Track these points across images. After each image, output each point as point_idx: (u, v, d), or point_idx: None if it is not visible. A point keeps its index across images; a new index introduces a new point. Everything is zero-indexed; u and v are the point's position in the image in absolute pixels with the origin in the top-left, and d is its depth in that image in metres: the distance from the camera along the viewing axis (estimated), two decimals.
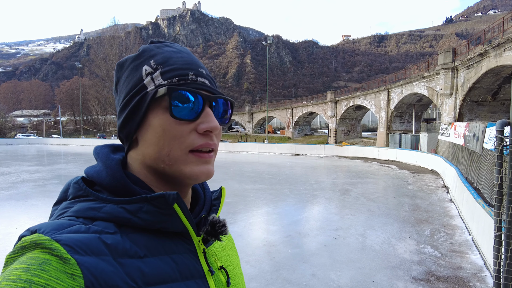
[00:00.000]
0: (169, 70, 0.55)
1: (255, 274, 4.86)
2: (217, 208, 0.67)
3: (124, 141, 0.60)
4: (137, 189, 0.55)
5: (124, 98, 0.57)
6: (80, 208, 0.51)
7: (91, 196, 0.53)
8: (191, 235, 0.57)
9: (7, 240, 6.17)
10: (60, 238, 0.43)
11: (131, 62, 0.59)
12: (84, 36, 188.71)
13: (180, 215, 0.53)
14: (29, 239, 0.43)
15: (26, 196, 10.14)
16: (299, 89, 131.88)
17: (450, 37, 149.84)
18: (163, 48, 0.59)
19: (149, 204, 0.52)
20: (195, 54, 33.30)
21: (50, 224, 0.46)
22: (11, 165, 19.22)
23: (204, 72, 0.59)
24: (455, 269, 5.07)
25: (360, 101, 33.18)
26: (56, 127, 64.00)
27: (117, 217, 0.51)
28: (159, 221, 0.52)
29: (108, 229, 0.49)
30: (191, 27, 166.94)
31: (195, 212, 0.63)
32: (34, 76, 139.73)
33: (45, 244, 0.42)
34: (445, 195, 10.52)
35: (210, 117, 0.56)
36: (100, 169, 0.56)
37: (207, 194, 0.69)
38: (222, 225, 0.61)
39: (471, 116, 19.89)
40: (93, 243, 0.45)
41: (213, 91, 0.59)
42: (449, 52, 20.21)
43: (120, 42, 68.37)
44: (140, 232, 0.52)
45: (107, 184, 0.55)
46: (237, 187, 11.79)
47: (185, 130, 0.54)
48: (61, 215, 0.52)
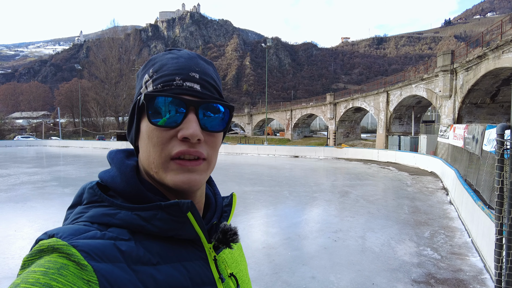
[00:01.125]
0: (159, 77, 0.56)
1: (255, 276, 4.84)
2: (228, 215, 0.67)
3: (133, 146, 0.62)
4: (151, 196, 0.55)
5: (131, 106, 0.60)
6: (95, 213, 0.52)
7: (106, 202, 0.54)
8: (202, 242, 0.58)
9: (6, 242, 6.15)
10: (77, 244, 0.43)
11: (140, 71, 0.61)
12: (83, 38, 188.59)
13: (193, 223, 0.54)
14: (47, 243, 0.43)
15: (25, 198, 10.10)
16: (299, 91, 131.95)
17: (448, 40, 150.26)
18: (166, 55, 0.59)
19: (163, 211, 0.52)
20: None
21: (67, 229, 0.47)
22: (10, 167, 19.17)
23: (197, 76, 0.56)
24: (455, 272, 5.06)
25: (359, 103, 33.21)
26: (55, 129, 63.90)
27: (131, 223, 0.51)
28: (173, 228, 0.53)
29: (122, 235, 0.49)
30: (191, 29, 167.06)
31: (206, 218, 0.64)
32: (33, 78, 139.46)
33: (63, 249, 0.42)
34: (445, 197, 10.52)
35: (190, 123, 0.53)
36: (115, 175, 0.57)
37: (218, 200, 0.69)
38: (234, 233, 0.61)
39: (470, 118, 19.93)
40: (108, 249, 0.46)
41: (202, 96, 0.56)
42: (448, 54, 20.28)
43: (120, 44, 68.40)
44: (153, 239, 0.52)
45: (122, 190, 0.55)
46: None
47: (164, 137, 0.54)
48: (76, 219, 0.52)
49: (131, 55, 73.32)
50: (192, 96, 0.55)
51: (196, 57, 0.60)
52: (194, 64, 0.58)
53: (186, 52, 0.60)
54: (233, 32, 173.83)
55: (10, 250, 5.73)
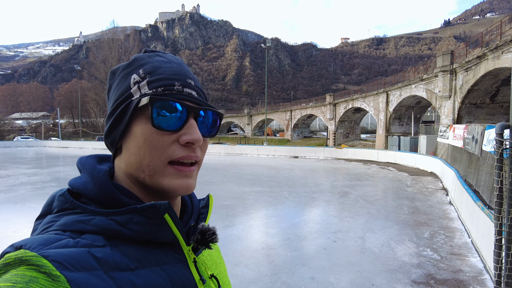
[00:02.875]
0: (155, 80, 0.55)
1: (254, 277, 4.83)
2: (205, 217, 0.66)
3: (109, 148, 0.60)
4: (126, 200, 0.54)
5: (112, 105, 0.58)
6: (67, 221, 0.50)
7: (79, 208, 0.52)
8: (181, 245, 0.57)
9: (5, 243, 6.12)
10: (48, 254, 0.41)
11: (122, 70, 0.59)
12: (83, 39, 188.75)
13: (171, 225, 0.53)
14: (13, 256, 0.40)
15: (24, 199, 10.09)
16: (298, 91, 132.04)
17: (448, 40, 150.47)
18: (154, 57, 0.59)
19: (139, 214, 0.51)
20: (194, 57, 33.22)
21: (36, 239, 0.44)
22: (9, 167, 19.15)
23: (192, 83, 0.58)
24: (455, 272, 5.05)
25: (359, 103, 33.23)
26: (54, 129, 63.89)
27: (106, 229, 0.49)
28: (150, 232, 0.52)
29: (97, 242, 0.47)
30: (190, 29, 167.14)
31: (183, 221, 0.63)
32: (33, 78, 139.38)
33: (31, 260, 0.40)
34: (444, 197, 10.52)
35: (193, 128, 0.55)
36: (86, 181, 0.55)
37: (195, 202, 0.68)
38: (212, 233, 0.61)
39: (469, 118, 19.94)
40: (83, 257, 0.43)
41: (200, 103, 0.58)
42: (448, 54, 20.29)
43: (119, 45, 68.38)
44: (129, 244, 0.51)
45: (95, 195, 0.53)
46: (236, 190, 11.76)
47: (166, 141, 0.54)
48: (46, 229, 0.50)
49: (130, 56, 73.16)
50: (191, 102, 0.56)
51: (183, 63, 0.62)
52: (186, 71, 0.59)
53: (173, 56, 0.61)
54: (232, 33, 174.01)
55: None
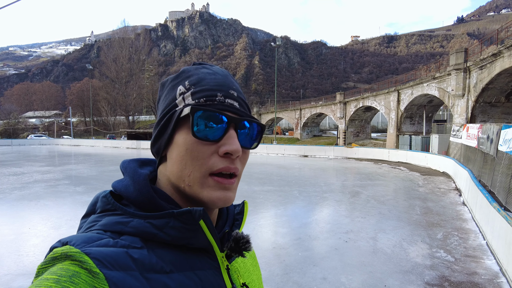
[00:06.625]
0: (199, 91, 0.57)
1: (265, 277, 4.82)
2: (240, 223, 0.67)
3: (155, 155, 0.62)
4: (164, 204, 0.55)
5: (159, 115, 0.60)
6: (108, 222, 0.52)
7: (119, 210, 0.54)
8: (215, 251, 0.58)
9: (21, 239, 6.26)
10: (90, 251, 0.44)
11: (170, 81, 0.61)
12: (94, 38, 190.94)
13: (205, 231, 0.54)
14: (60, 251, 0.44)
15: (38, 196, 10.28)
16: (308, 90, 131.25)
17: (461, 37, 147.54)
18: (200, 69, 0.60)
19: (175, 219, 0.52)
20: (204, 56, 33.37)
21: (80, 236, 0.47)
22: (24, 165, 19.54)
23: (235, 94, 0.59)
24: (469, 275, 4.96)
25: (370, 102, 32.88)
26: (67, 128, 65.00)
27: (143, 232, 0.51)
28: (185, 237, 0.53)
29: (135, 243, 0.49)
30: (200, 28, 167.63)
31: (218, 226, 0.64)
32: (46, 77, 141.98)
33: (75, 256, 0.43)
34: (457, 198, 10.33)
35: (233, 139, 0.55)
36: (128, 184, 0.57)
37: (230, 208, 0.69)
38: (246, 241, 0.61)
39: (483, 117, 19.54)
40: (121, 257, 0.46)
41: (241, 114, 0.58)
42: (461, 52, 19.90)
43: (130, 44, 69.12)
44: (165, 248, 0.52)
45: (135, 198, 0.55)
46: (246, 189, 11.77)
47: (206, 152, 0.55)
48: (89, 228, 0.53)
49: (141, 55, 73.99)
50: (232, 113, 0.57)
51: (228, 74, 0.62)
52: (230, 82, 0.60)
53: (219, 68, 0.62)
54: (242, 31, 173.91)
55: (24, 248, 5.83)
